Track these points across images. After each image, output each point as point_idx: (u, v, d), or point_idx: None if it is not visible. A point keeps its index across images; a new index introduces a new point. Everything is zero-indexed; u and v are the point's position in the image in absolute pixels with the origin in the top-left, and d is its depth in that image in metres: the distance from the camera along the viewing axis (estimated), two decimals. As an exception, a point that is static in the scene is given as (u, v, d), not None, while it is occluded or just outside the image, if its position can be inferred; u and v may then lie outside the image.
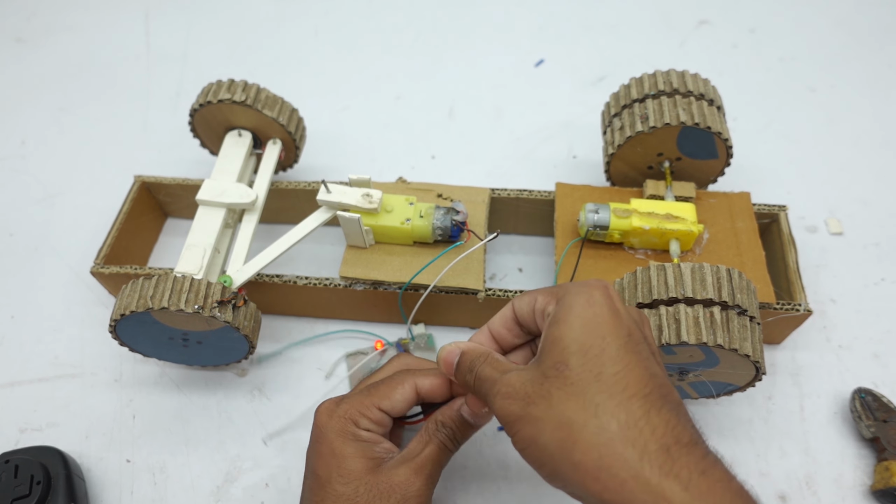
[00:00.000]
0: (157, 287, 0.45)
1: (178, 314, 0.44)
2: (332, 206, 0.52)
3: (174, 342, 0.49)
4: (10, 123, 0.78)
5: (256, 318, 0.49)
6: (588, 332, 0.30)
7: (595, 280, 0.33)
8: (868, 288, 0.59)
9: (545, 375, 0.30)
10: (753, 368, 0.42)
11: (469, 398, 0.39)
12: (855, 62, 0.81)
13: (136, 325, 0.46)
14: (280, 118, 0.57)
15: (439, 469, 0.38)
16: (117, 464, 0.50)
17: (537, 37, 0.87)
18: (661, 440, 0.28)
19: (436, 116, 0.77)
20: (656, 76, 0.55)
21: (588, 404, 0.29)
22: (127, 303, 0.45)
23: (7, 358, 0.57)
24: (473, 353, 0.36)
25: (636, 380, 0.29)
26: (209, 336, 0.48)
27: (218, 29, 0.90)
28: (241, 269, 0.51)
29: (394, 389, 0.39)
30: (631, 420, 0.28)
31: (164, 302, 0.43)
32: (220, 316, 0.45)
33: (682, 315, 0.40)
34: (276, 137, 0.59)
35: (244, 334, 0.47)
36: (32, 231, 0.66)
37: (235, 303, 0.46)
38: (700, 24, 0.88)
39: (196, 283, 0.45)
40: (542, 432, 0.29)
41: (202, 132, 0.61)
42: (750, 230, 0.53)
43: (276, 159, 0.59)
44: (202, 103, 0.56)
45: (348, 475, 0.36)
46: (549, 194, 0.57)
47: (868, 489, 0.48)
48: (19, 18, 0.92)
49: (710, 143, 0.53)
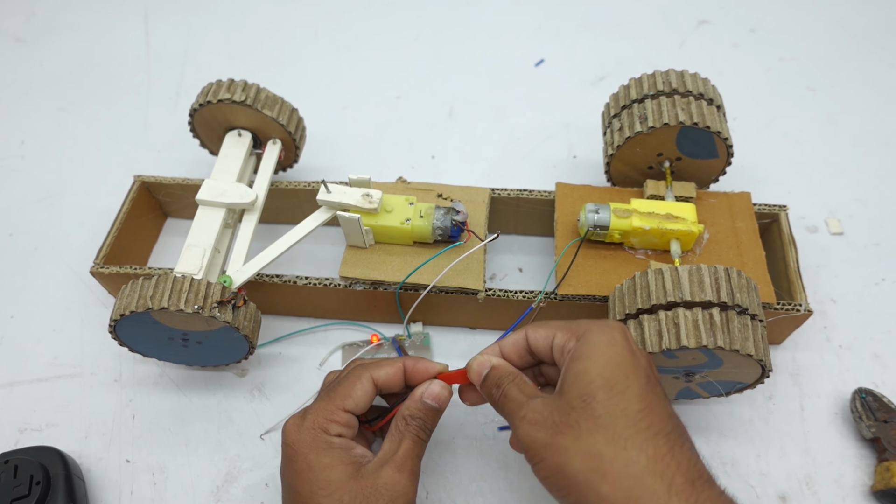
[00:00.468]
0: (156, 287, 0.45)
1: (177, 314, 0.44)
2: (332, 206, 0.52)
3: (174, 342, 0.49)
4: (10, 123, 0.78)
5: (256, 318, 0.49)
6: (612, 370, 0.32)
7: (613, 321, 0.36)
8: (868, 288, 0.59)
9: (571, 406, 0.32)
10: (759, 366, 0.42)
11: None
12: (855, 62, 0.81)
13: (135, 325, 0.46)
14: (280, 118, 0.57)
15: (419, 462, 0.39)
16: (117, 464, 0.50)
17: (537, 37, 0.87)
18: (687, 475, 0.30)
19: (436, 116, 0.77)
20: (655, 76, 0.55)
21: (617, 438, 0.30)
22: (126, 303, 0.45)
23: (6, 358, 0.57)
24: (503, 370, 0.37)
25: (659, 418, 0.31)
26: (209, 336, 0.48)
27: (218, 29, 0.90)
28: (240, 269, 0.51)
29: (353, 387, 0.39)
30: (658, 455, 0.30)
31: (163, 302, 0.43)
32: (220, 316, 0.44)
33: (681, 319, 0.40)
34: (276, 137, 0.59)
35: (244, 334, 0.47)
36: (32, 231, 0.66)
37: (235, 303, 0.46)
38: (700, 23, 0.88)
39: (196, 283, 0.45)
40: (570, 462, 0.30)
41: (202, 132, 0.61)
42: (750, 230, 0.53)
43: (275, 159, 0.59)
44: (202, 103, 0.56)
45: (329, 486, 0.36)
46: (549, 194, 0.57)
47: (868, 489, 0.47)
48: (19, 18, 0.92)
49: (710, 143, 0.53)
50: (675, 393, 0.48)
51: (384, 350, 0.55)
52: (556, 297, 0.50)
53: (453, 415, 0.52)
